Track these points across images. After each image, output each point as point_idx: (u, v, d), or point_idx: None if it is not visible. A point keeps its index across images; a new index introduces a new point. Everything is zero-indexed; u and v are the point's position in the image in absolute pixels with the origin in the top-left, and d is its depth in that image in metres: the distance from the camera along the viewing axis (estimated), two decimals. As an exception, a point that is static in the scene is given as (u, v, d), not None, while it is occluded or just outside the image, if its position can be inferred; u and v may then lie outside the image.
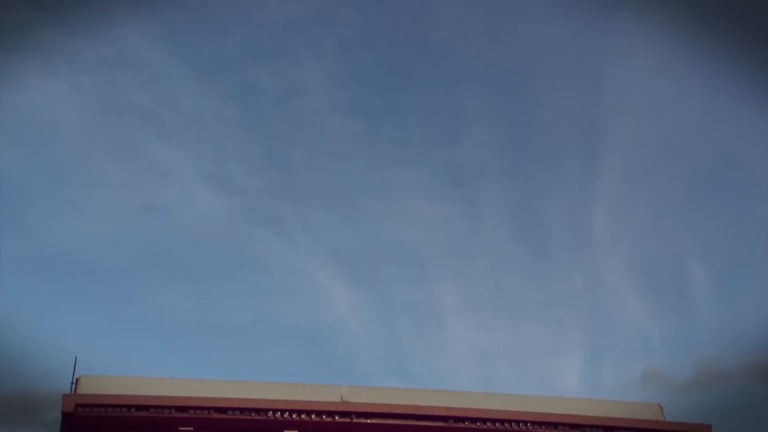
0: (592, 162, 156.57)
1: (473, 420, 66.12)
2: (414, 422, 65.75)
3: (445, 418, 66.06)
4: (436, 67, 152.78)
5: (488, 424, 66.20)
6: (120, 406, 61.05)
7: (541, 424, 66.69)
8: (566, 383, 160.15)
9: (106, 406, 60.75)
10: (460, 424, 66.17)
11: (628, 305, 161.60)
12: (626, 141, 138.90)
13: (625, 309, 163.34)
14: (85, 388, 63.17)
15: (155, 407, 61.64)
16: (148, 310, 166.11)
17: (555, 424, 66.91)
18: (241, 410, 63.11)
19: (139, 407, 61.37)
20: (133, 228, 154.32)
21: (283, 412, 63.31)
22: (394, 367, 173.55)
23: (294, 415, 63.60)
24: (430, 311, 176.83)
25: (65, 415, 59.79)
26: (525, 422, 66.30)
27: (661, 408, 72.80)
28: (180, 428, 64.20)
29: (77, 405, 59.82)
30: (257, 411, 63.30)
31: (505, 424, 66.25)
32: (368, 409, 65.28)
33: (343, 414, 64.76)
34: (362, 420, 65.07)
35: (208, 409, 62.64)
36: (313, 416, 64.02)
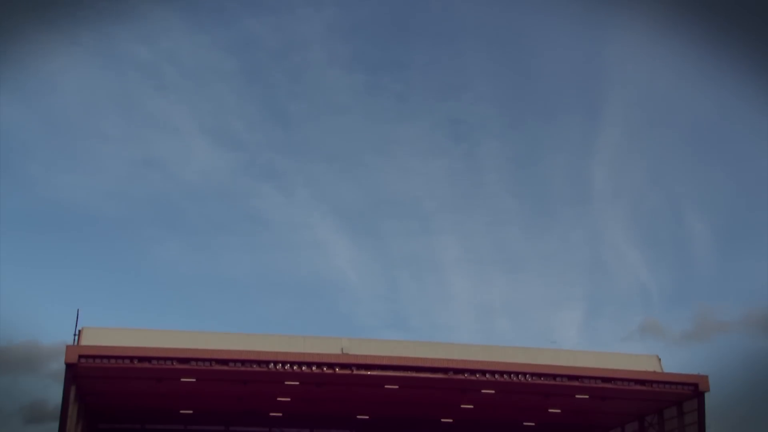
0: (592, 116, 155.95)
1: (472, 372, 66.63)
2: (414, 374, 66.28)
3: (444, 370, 66.56)
4: (436, 21, 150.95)
5: (487, 376, 66.71)
6: (122, 358, 61.57)
7: (539, 375, 67.21)
8: (565, 336, 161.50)
9: (108, 357, 61.25)
10: (460, 376, 66.69)
11: (627, 259, 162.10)
12: (627, 96, 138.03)
13: (624, 262, 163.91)
14: (87, 340, 63.72)
15: (157, 359, 62.15)
16: (149, 263, 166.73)
17: (554, 376, 67.46)
18: (243, 362, 63.58)
19: (141, 358, 61.88)
20: (132, 181, 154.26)
21: (284, 364, 63.79)
22: (393, 320, 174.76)
23: (295, 367, 64.10)
24: (429, 265, 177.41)
25: (69, 366, 60.30)
26: (524, 374, 66.84)
27: (659, 360, 73.41)
28: (182, 379, 64.89)
29: (80, 356, 60.30)
30: (258, 363, 63.78)
31: (504, 376, 66.75)
32: (368, 361, 65.77)
33: (343, 366, 65.26)
34: (362, 372, 65.61)
35: (210, 360, 63.12)
36: (313, 368, 64.53)
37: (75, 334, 63.92)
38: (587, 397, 71.10)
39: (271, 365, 63.81)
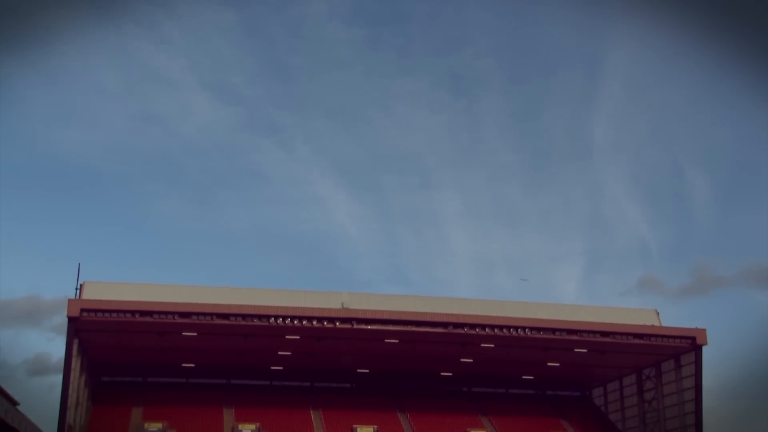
0: (593, 72, 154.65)
1: (472, 326, 67.00)
2: (414, 328, 66.66)
3: (444, 324, 66.91)
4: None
5: (487, 330, 67.08)
6: (124, 312, 61.87)
7: (539, 330, 67.62)
8: (564, 290, 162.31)
9: (110, 311, 61.54)
10: (459, 330, 67.07)
11: (627, 214, 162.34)
12: (628, 51, 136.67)
13: (624, 218, 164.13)
14: (89, 294, 64.00)
15: (158, 313, 62.47)
16: (150, 219, 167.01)
17: (553, 330, 67.87)
18: (243, 316, 63.92)
19: (142, 313, 62.20)
20: (132, 136, 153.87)
21: (284, 318, 64.14)
22: (394, 274, 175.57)
23: (295, 321, 64.46)
24: (429, 220, 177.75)
25: (71, 320, 60.64)
26: (523, 328, 67.22)
27: (657, 314, 73.83)
28: (183, 333, 65.30)
29: (82, 310, 60.60)
30: (259, 317, 64.13)
31: (504, 330, 67.13)
32: (368, 316, 66.13)
33: (343, 320, 65.60)
34: (362, 326, 66.00)
35: (211, 315, 63.47)
36: (314, 322, 64.90)
37: (77, 288, 64.24)
38: (586, 351, 71.63)
39: (272, 319, 64.14)
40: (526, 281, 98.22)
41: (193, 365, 75.90)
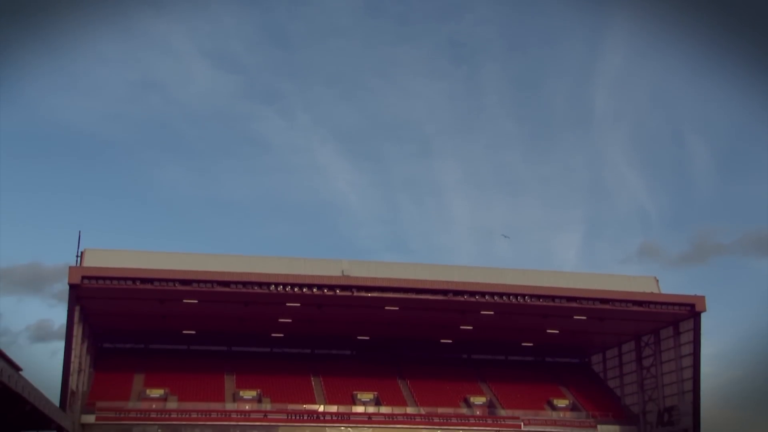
0: (594, 40, 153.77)
1: (472, 294, 67.18)
2: (414, 296, 66.84)
3: (444, 292, 67.09)
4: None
5: (486, 297, 67.29)
6: (125, 279, 62.01)
7: (538, 297, 67.80)
8: (564, 258, 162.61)
9: (111, 278, 61.69)
10: (459, 298, 67.26)
11: (627, 182, 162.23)
12: (629, 19, 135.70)
13: (624, 185, 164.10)
14: (90, 261, 64.13)
15: (159, 280, 62.59)
16: (150, 187, 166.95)
17: (552, 297, 68.05)
18: (244, 284, 64.05)
19: (143, 280, 62.35)
20: (131, 104, 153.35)
21: (284, 285, 64.27)
22: (394, 242, 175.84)
23: (296, 289, 64.58)
24: (429, 188, 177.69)
25: (72, 287, 60.82)
26: (523, 295, 67.41)
27: (657, 281, 74.06)
28: (184, 300, 65.51)
29: (83, 277, 60.77)
30: (259, 285, 64.26)
31: (503, 298, 67.34)
32: (368, 283, 66.26)
33: (344, 288, 65.75)
34: (363, 294, 66.17)
35: (211, 282, 63.59)
36: (314, 290, 65.02)
37: (77, 256, 64.37)
38: (585, 318, 71.92)
39: (272, 287, 64.28)
40: (507, 238, 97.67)
41: (194, 332, 76.23)
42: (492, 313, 69.94)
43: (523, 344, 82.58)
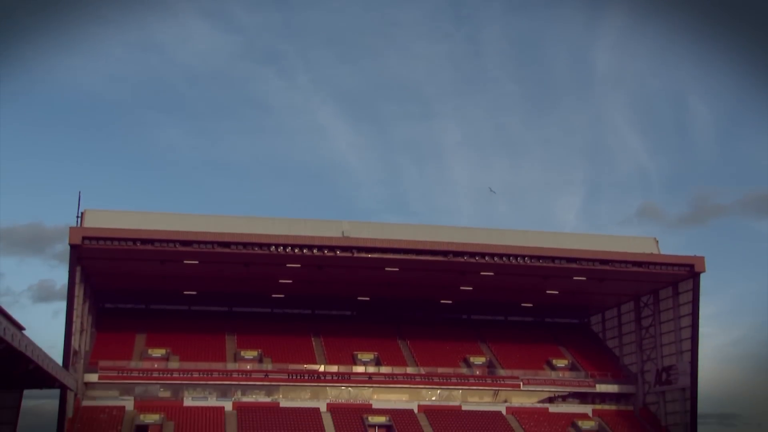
0: (595, 1, 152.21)
1: (472, 254, 67.25)
2: (414, 257, 66.92)
3: (444, 253, 67.15)
4: None
5: (486, 258, 67.37)
6: (126, 240, 62.02)
7: (538, 258, 67.88)
8: (564, 219, 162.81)
9: (112, 239, 61.69)
10: (459, 259, 67.34)
11: (628, 143, 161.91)
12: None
13: (625, 147, 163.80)
14: (90, 222, 64.12)
15: (160, 241, 62.61)
16: (150, 147, 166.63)
17: (552, 258, 68.12)
18: (244, 245, 64.06)
19: (144, 241, 62.36)
20: (131, 65, 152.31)
21: (285, 246, 64.30)
22: (394, 204, 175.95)
23: (296, 250, 64.63)
24: (430, 149, 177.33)
25: (73, 247, 60.86)
26: (523, 256, 67.49)
27: (656, 242, 74.12)
28: (184, 261, 65.62)
29: (84, 238, 60.78)
30: (260, 245, 64.28)
31: (503, 259, 67.42)
32: (369, 244, 66.28)
33: (344, 249, 65.78)
34: (363, 254, 66.22)
35: (212, 243, 63.61)
36: (314, 251, 65.05)
37: (78, 216, 64.33)
38: (585, 278, 72.13)
39: (273, 248, 64.31)
40: (493, 193, 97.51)
41: (195, 293, 76.51)
42: (492, 273, 70.09)
43: (523, 305, 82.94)
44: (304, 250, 64.89)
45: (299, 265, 68.01)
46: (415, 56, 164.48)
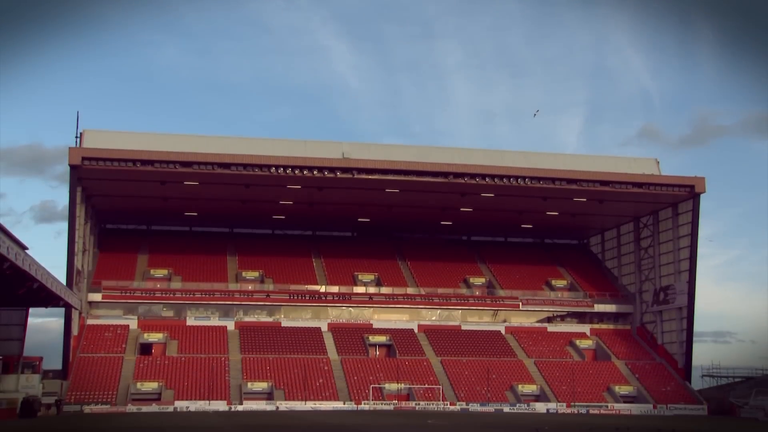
0: None
1: (472, 176, 67.13)
2: (414, 178, 66.82)
3: (445, 174, 67.02)
4: None
5: (487, 179, 67.27)
6: (125, 161, 61.83)
7: (538, 179, 67.75)
8: (565, 140, 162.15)
9: (111, 159, 61.50)
10: (460, 180, 67.25)
11: (630, 64, 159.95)
12: None
13: (628, 67, 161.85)
14: (89, 142, 63.86)
15: (160, 162, 62.44)
16: (148, 67, 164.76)
17: (552, 180, 67.99)
18: (244, 166, 63.91)
19: (144, 161, 62.19)
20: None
21: (285, 167, 64.14)
22: (395, 125, 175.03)
23: (296, 171, 64.48)
24: (431, 70, 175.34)
25: (73, 168, 60.78)
26: (523, 178, 67.35)
27: (657, 163, 73.92)
28: (185, 182, 65.57)
29: (84, 158, 60.61)
30: (260, 167, 64.12)
31: (504, 180, 67.32)
32: (369, 165, 66.08)
33: (344, 170, 65.62)
34: (363, 176, 66.10)
35: (212, 164, 63.44)
36: (315, 172, 64.92)
37: (77, 137, 64.04)
38: (585, 200, 72.14)
39: (273, 169, 64.17)
40: (537, 113, 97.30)
41: (196, 214, 76.72)
42: (492, 195, 70.10)
43: (523, 226, 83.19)
44: (305, 172, 64.75)
45: (299, 187, 68.00)
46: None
